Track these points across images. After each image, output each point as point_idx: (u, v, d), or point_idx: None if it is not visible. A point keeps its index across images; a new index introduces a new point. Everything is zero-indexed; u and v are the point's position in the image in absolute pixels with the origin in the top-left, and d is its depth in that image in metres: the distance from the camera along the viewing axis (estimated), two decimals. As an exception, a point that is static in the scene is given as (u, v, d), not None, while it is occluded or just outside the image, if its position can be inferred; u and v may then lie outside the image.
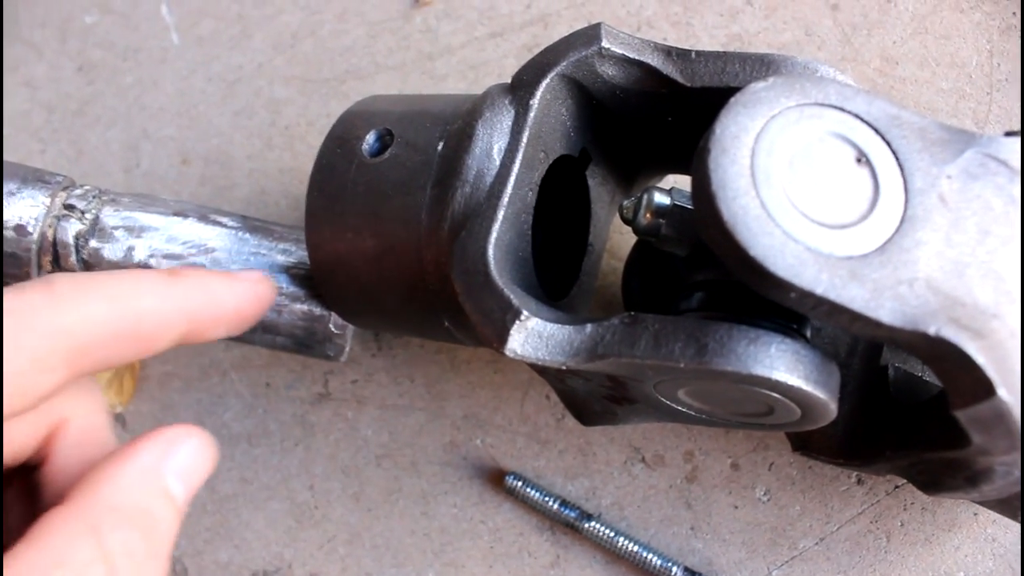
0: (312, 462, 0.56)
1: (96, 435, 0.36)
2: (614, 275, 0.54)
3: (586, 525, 0.51)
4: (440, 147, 0.44)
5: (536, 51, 0.57)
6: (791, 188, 0.36)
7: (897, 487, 0.51)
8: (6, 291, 0.32)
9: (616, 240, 0.55)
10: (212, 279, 0.39)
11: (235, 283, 0.40)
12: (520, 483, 0.52)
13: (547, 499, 0.52)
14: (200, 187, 0.61)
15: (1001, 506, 0.44)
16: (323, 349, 0.52)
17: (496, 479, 0.54)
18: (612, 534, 0.51)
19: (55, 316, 0.32)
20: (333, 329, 0.51)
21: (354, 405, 0.56)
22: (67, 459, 0.34)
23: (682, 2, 0.58)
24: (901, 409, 0.45)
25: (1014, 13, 0.56)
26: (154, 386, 0.59)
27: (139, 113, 0.63)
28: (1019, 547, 0.50)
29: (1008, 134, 0.40)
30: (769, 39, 0.57)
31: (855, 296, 0.35)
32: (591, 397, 0.45)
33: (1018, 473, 0.40)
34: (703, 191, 0.36)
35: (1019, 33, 0.55)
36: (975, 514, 0.50)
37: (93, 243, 0.50)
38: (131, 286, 0.35)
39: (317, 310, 0.50)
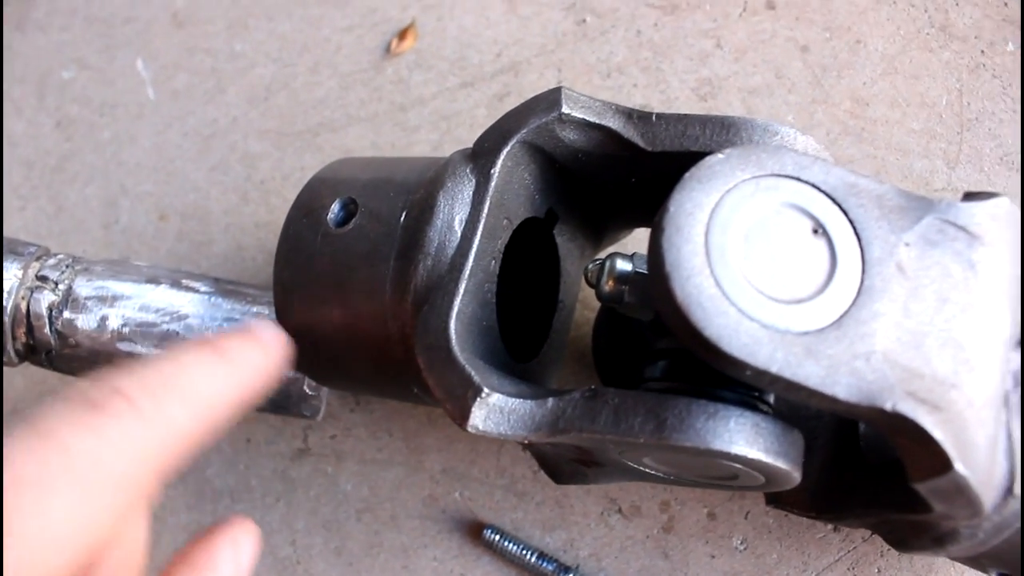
0: (293, 517, 0.56)
1: (138, 562, 0.33)
2: (587, 326, 0.55)
3: (564, 579, 0.52)
4: (403, 218, 0.44)
5: (507, 100, 0.58)
6: (747, 264, 0.36)
7: (873, 534, 0.51)
8: (78, 411, 0.28)
9: (590, 291, 0.55)
10: (253, 351, 0.35)
11: (267, 349, 0.36)
12: (498, 536, 0.53)
13: (525, 552, 0.52)
14: (178, 243, 0.62)
15: (970, 562, 0.44)
16: (299, 409, 0.52)
17: (475, 532, 0.54)
18: (591, 587, 0.51)
19: (149, 432, 0.29)
20: (308, 391, 0.51)
21: (333, 460, 0.56)
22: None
23: (651, 47, 0.58)
24: (869, 467, 0.45)
25: (982, 51, 0.55)
26: (137, 443, 0.59)
27: (117, 169, 0.64)
28: (996, 594, 0.50)
29: (966, 196, 0.40)
30: (740, 83, 0.57)
31: (810, 373, 0.35)
32: (561, 459, 0.45)
33: (982, 535, 0.40)
34: (657, 270, 0.36)
35: (988, 72, 0.55)
36: (953, 560, 0.50)
37: (67, 314, 0.50)
38: (200, 377, 0.32)
39: (290, 373, 0.51)
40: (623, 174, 0.45)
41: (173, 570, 0.33)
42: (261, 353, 0.36)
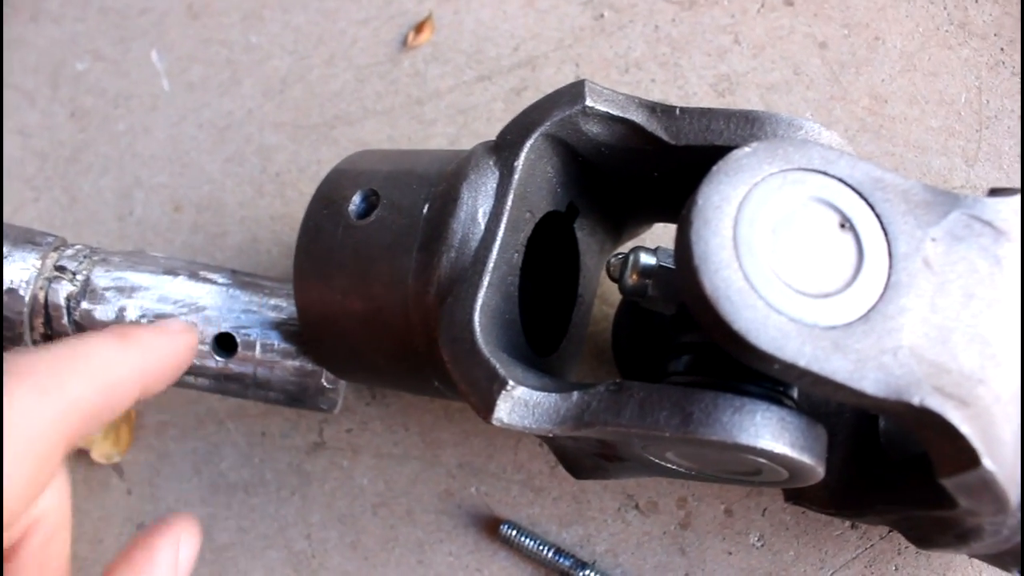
0: (309, 511, 0.56)
1: (64, 528, 0.35)
2: (606, 321, 0.54)
3: (581, 574, 0.51)
4: (425, 210, 0.44)
5: (524, 94, 0.58)
6: (774, 257, 0.36)
7: (891, 531, 0.51)
8: None
9: (608, 286, 0.55)
10: (157, 338, 0.39)
11: (173, 338, 0.40)
12: (515, 532, 0.53)
13: (542, 547, 0.52)
14: (192, 235, 0.61)
15: (993, 560, 0.44)
16: (316, 403, 0.52)
17: (491, 527, 0.54)
18: (607, 582, 0.51)
19: (48, 406, 0.32)
20: (325, 384, 0.51)
21: (349, 454, 0.56)
22: (35, 554, 0.34)
23: (670, 42, 0.58)
24: (891, 463, 0.45)
25: (1002, 49, 0.55)
26: (151, 435, 0.59)
27: (131, 160, 0.63)
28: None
29: (992, 192, 0.40)
30: (758, 79, 0.57)
31: (838, 368, 0.35)
32: (581, 454, 0.45)
33: (1007, 532, 0.40)
34: (685, 263, 0.36)
35: (1007, 69, 0.55)
36: (970, 558, 0.50)
37: (85, 304, 0.50)
38: (101, 358, 0.35)
39: (309, 366, 0.50)
40: (646, 168, 0.45)
41: (114, 568, 0.35)
42: (166, 340, 0.39)
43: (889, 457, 0.46)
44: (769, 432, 0.37)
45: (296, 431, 0.57)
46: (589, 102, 0.43)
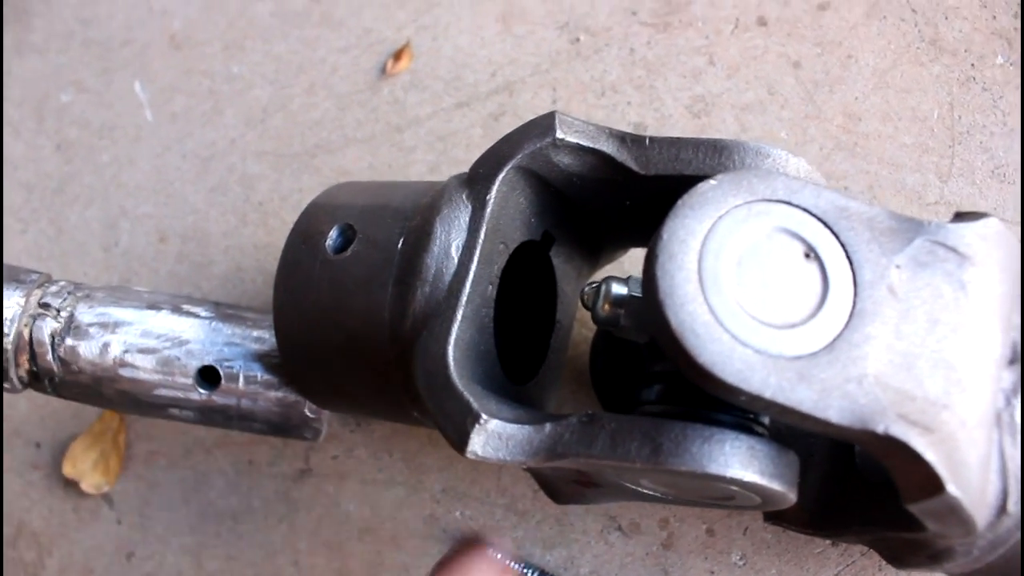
0: (296, 538, 0.57)
1: None
2: (586, 344, 0.55)
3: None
4: (400, 244, 0.44)
5: (502, 120, 0.58)
6: (740, 290, 0.37)
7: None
8: None
9: (587, 311, 0.55)
10: None
11: None
12: (499, 556, 0.53)
13: (526, 571, 0.53)
14: (178, 264, 0.62)
15: (967, 578, 0.45)
16: (300, 433, 0.52)
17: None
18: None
19: None
20: (309, 414, 0.52)
21: (335, 480, 0.57)
22: None
23: (645, 65, 0.59)
24: (866, 484, 0.46)
25: (972, 64, 0.56)
26: (140, 465, 0.60)
27: (116, 191, 0.64)
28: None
29: (956, 216, 0.41)
30: (732, 99, 0.58)
31: (803, 398, 0.35)
32: (560, 480, 0.46)
33: (978, 552, 0.41)
34: (652, 298, 0.36)
35: (978, 85, 0.56)
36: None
37: (69, 341, 0.50)
38: None
39: (292, 396, 0.51)
40: (618, 197, 0.46)
41: None
42: None
43: (865, 478, 0.46)
44: (738, 461, 0.37)
45: (282, 459, 0.58)
46: (560, 134, 0.44)
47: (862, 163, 0.56)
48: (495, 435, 0.40)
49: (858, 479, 0.47)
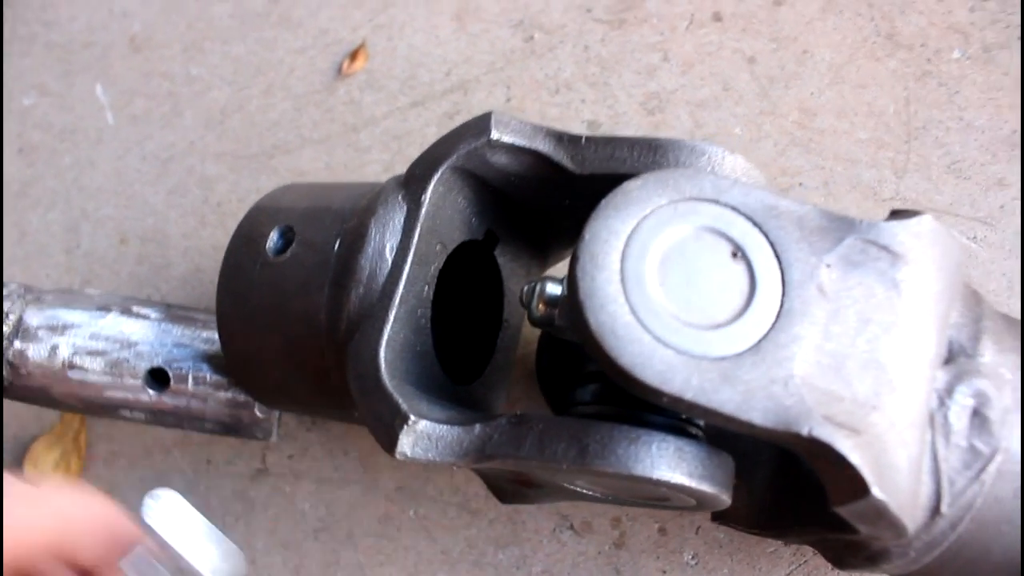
0: (253, 537, 0.57)
1: None
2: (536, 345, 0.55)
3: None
4: (337, 246, 0.44)
5: (457, 119, 0.58)
6: (663, 290, 0.36)
7: (824, 547, 0.51)
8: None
9: (539, 308, 0.55)
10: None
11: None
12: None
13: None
14: (138, 266, 0.62)
15: (909, 580, 0.44)
16: (251, 432, 0.52)
17: (430, 550, 0.54)
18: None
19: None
20: (259, 414, 0.52)
21: (291, 479, 0.57)
22: None
23: (599, 62, 0.58)
24: (809, 484, 0.45)
25: (928, 60, 0.55)
26: (100, 466, 0.60)
27: (78, 194, 0.64)
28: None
29: (892, 214, 0.40)
30: (687, 96, 0.57)
31: (726, 400, 0.35)
32: (501, 480, 0.46)
33: (914, 554, 0.40)
34: (573, 298, 0.36)
35: (935, 80, 0.55)
36: None
37: (17, 344, 0.51)
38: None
39: (241, 396, 0.51)
40: (557, 196, 0.46)
41: None
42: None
43: (809, 478, 0.46)
44: (665, 463, 0.37)
45: (240, 458, 0.58)
46: (495, 135, 0.43)
47: (817, 159, 0.55)
48: (424, 436, 0.40)
49: (803, 480, 0.46)
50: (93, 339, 0.51)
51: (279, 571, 0.56)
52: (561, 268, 0.54)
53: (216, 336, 0.52)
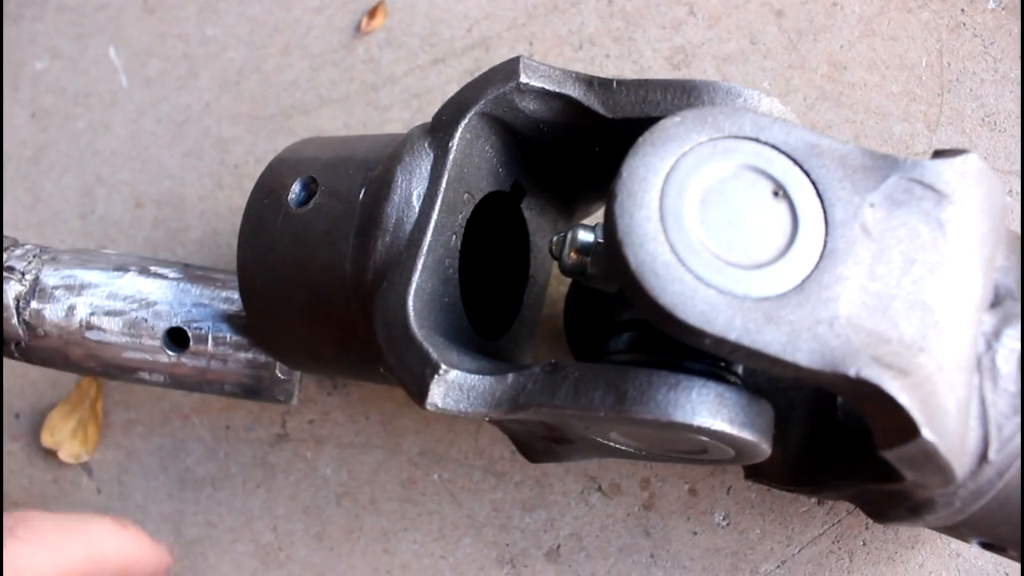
0: (274, 503, 0.56)
1: None
2: (563, 301, 0.54)
3: None
4: (362, 195, 0.43)
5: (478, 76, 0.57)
6: (703, 229, 0.35)
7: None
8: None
9: (565, 266, 0.54)
10: (143, 539, 0.43)
11: (154, 549, 0.43)
12: None
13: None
14: (154, 230, 0.61)
15: (950, 531, 0.43)
16: (272, 395, 0.51)
17: (455, 513, 0.53)
18: None
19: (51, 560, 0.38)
20: (280, 375, 0.51)
21: (312, 445, 0.56)
22: None
23: (623, 16, 0.57)
24: (847, 436, 0.44)
25: (962, 10, 0.54)
26: (118, 433, 0.59)
27: (92, 158, 0.63)
28: (981, 561, 0.48)
29: (936, 154, 0.39)
30: (714, 50, 0.56)
31: (771, 340, 0.34)
32: (531, 437, 0.45)
33: (959, 504, 0.39)
34: (611, 238, 0.35)
35: (968, 31, 0.54)
36: (933, 530, 0.49)
37: (34, 304, 0.50)
38: (98, 532, 0.40)
39: (262, 357, 0.50)
40: (587, 143, 0.44)
41: None
42: (149, 548, 0.43)
43: (846, 431, 0.45)
44: (706, 409, 0.36)
45: (259, 424, 0.57)
46: (523, 78, 0.42)
47: (848, 112, 0.54)
48: (455, 386, 0.39)
49: (839, 432, 0.45)
50: (111, 299, 0.50)
51: (301, 537, 0.55)
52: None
53: (236, 296, 0.51)
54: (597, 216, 0.53)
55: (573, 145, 0.45)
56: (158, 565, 0.44)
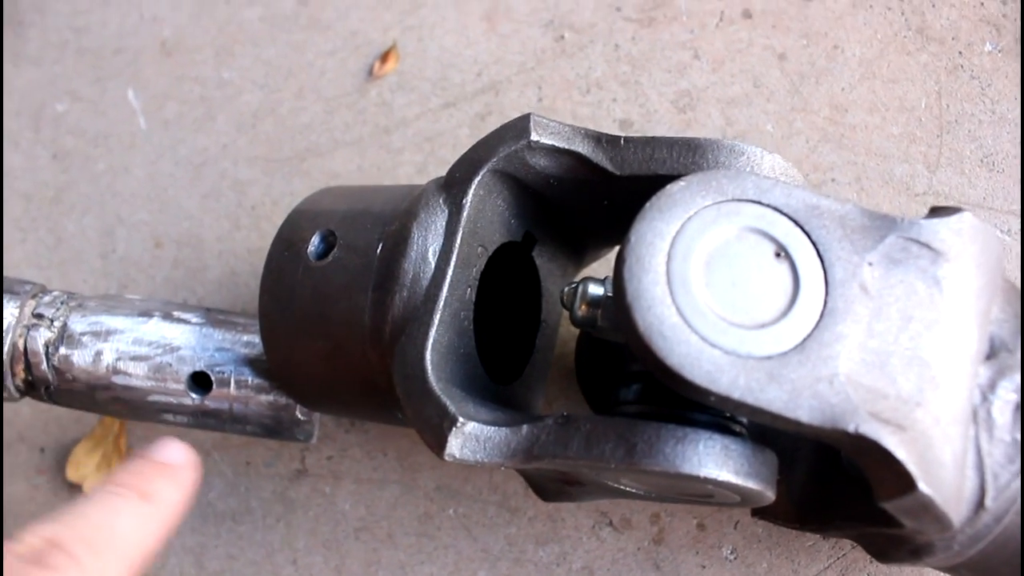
0: (294, 537, 0.58)
1: None
2: (574, 342, 0.55)
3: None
4: (379, 250, 0.45)
5: (489, 119, 0.59)
6: (709, 291, 0.37)
7: (862, 540, 0.52)
8: (30, 569, 0.33)
9: (574, 307, 0.55)
10: (171, 489, 0.40)
11: (184, 479, 0.41)
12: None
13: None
14: (173, 270, 0.63)
15: (952, 572, 0.44)
16: (292, 435, 0.53)
17: (470, 548, 0.55)
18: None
19: None
20: (300, 416, 0.52)
21: (331, 480, 0.58)
22: None
23: (630, 61, 0.59)
24: (850, 479, 0.46)
25: (960, 52, 0.55)
26: (141, 468, 0.61)
27: (112, 199, 0.65)
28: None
29: (932, 212, 0.41)
30: (718, 93, 0.57)
31: (773, 398, 0.35)
32: (545, 479, 0.46)
33: (957, 547, 0.41)
34: (620, 300, 0.36)
35: (966, 73, 0.55)
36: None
37: (63, 350, 0.51)
38: (132, 529, 0.37)
39: (282, 399, 0.52)
40: (595, 197, 0.46)
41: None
42: (178, 489, 0.40)
43: (848, 473, 0.46)
44: (712, 461, 0.38)
45: (279, 460, 0.59)
46: (534, 136, 0.44)
47: (849, 155, 0.55)
48: (472, 438, 0.40)
49: (843, 475, 0.47)
50: (136, 344, 0.52)
51: (321, 570, 0.57)
52: (596, 268, 0.54)
53: (256, 340, 0.52)
54: (607, 265, 0.54)
55: (582, 198, 0.46)
56: (191, 488, 0.41)
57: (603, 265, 0.54)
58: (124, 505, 0.37)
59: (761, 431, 0.46)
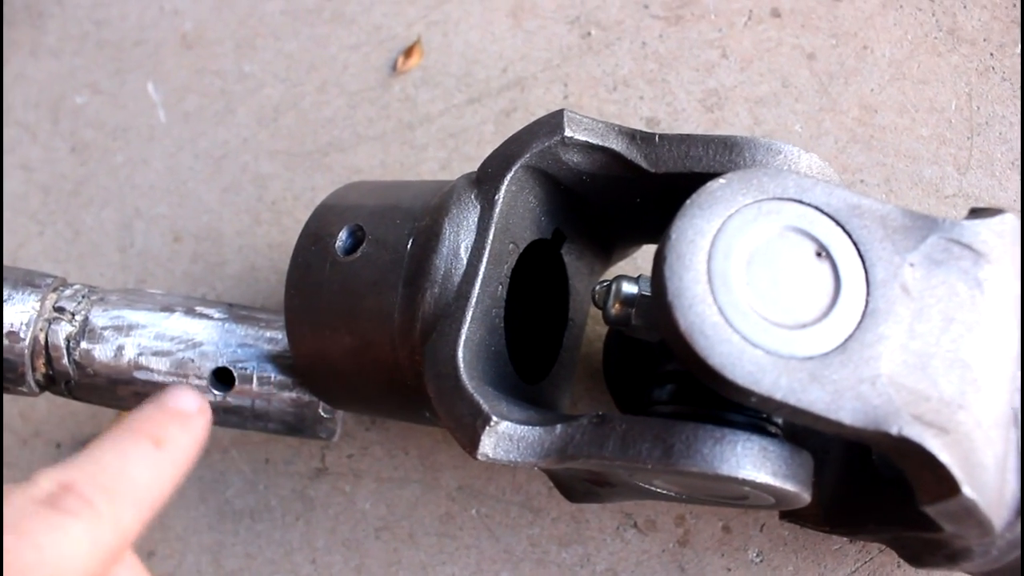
0: (313, 536, 0.57)
1: None
2: (601, 341, 0.55)
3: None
4: (409, 245, 0.44)
5: (514, 116, 0.58)
6: (750, 290, 0.36)
7: (889, 545, 0.51)
8: (43, 511, 0.32)
9: (600, 306, 0.55)
10: (184, 435, 0.39)
11: (196, 426, 0.40)
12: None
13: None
14: (192, 264, 0.62)
15: (987, 577, 0.44)
16: (315, 432, 0.53)
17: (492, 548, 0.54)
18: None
19: (100, 533, 0.33)
20: (323, 413, 0.52)
21: (351, 479, 0.57)
22: None
23: (657, 59, 0.58)
24: (883, 482, 0.45)
25: (991, 54, 0.55)
26: (158, 464, 0.60)
27: (131, 192, 0.64)
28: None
29: (972, 213, 0.40)
30: (746, 92, 0.57)
31: (815, 399, 0.35)
32: (573, 479, 0.46)
33: (996, 552, 0.40)
34: (660, 299, 0.36)
35: (997, 75, 0.55)
36: (968, 571, 0.50)
37: (84, 344, 0.51)
38: (145, 475, 0.36)
39: (305, 396, 0.51)
40: (628, 195, 0.45)
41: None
42: (191, 437, 0.39)
43: (882, 476, 0.46)
44: (750, 462, 0.37)
45: (299, 457, 0.58)
46: (568, 132, 0.43)
47: (878, 156, 0.55)
48: (506, 437, 0.40)
49: (875, 477, 0.46)
50: (158, 339, 0.51)
51: (340, 570, 0.56)
52: (622, 267, 0.54)
53: (279, 336, 0.52)
54: (637, 263, 0.54)
55: (614, 196, 0.46)
56: (203, 435, 0.40)
57: (627, 264, 0.54)
58: (138, 451, 0.36)
59: (792, 431, 0.46)
